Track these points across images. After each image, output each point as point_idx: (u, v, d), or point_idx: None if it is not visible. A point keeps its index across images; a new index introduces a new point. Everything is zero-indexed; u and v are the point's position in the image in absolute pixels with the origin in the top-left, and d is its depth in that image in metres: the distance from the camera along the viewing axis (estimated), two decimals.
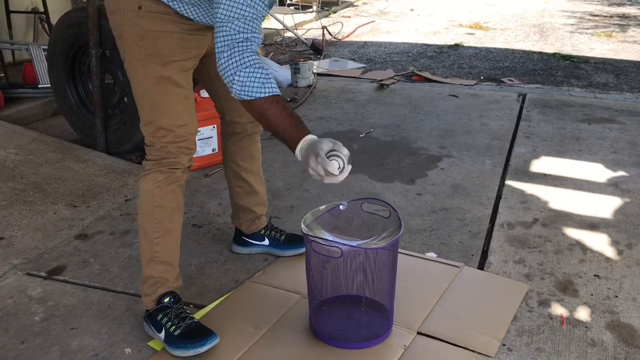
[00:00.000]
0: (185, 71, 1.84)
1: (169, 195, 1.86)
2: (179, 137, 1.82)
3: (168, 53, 1.77)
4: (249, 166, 2.22)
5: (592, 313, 1.96)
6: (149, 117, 1.82)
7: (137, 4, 1.73)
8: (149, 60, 1.76)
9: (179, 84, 1.81)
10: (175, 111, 1.81)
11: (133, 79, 1.83)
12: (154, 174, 1.84)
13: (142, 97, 1.82)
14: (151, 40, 1.75)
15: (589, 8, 8.95)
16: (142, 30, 1.74)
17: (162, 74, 1.77)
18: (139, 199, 1.89)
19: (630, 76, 5.16)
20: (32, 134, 3.48)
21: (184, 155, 1.86)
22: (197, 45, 1.85)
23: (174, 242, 1.91)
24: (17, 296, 2.12)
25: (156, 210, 1.85)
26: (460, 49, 6.42)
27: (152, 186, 1.84)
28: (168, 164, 1.84)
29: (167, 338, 1.79)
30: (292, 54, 6.32)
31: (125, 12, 1.75)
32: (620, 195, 2.81)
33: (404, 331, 1.86)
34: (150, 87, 1.78)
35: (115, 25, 1.80)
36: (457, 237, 2.46)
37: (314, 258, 1.75)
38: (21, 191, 2.87)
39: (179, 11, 1.75)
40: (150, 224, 1.86)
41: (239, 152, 2.19)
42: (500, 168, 3.16)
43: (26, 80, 4.35)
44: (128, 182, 3.03)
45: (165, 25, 1.76)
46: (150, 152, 1.86)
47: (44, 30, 5.50)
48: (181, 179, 1.89)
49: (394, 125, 3.89)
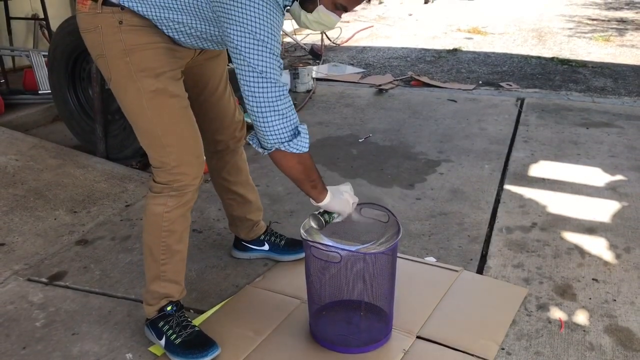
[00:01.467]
0: (177, 80, 1.75)
1: (179, 220, 1.79)
2: (187, 153, 1.76)
3: (158, 65, 1.68)
4: (237, 179, 2.19)
5: (590, 317, 1.97)
6: (150, 136, 1.73)
7: (117, 19, 1.63)
8: (140, 75, 1.66)
9: (176, 94, 1.73)
10: (178, 124, 1.74)
11: (124, 98, 1.72)
12: (164, 199, 1.76)
13: (139, 116, 1.72)
14: (138, 54, 1.65)
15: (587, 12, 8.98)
16: (126, 45, 1.64)
17: (157, 87, 1.68)
18: (147, 219, 1.81)
19: (628, 80, 5.18)
20: (32, 140, 3.50)
21: (196, 173, 1.78)
22: (182, 55, 1.77)
23: (181, 262, 1.87)
24: (19, 302, 2.13)
25: (165, 234, 1.78)
26: (458, 54, 6.44)
27: (161, 211, 1.76)
28: (179, 187, 1.76)
29: (168, 346, 1.80)
30: (291, 59, 6.34)
31: (104, 29, 1.65)
32: (619, 199, 2.82)
33: (404, 335, 1.87)
34: (145, 103, 1.68)
35: (93, 44, 1.70)
36: (456, 242, 2.47)
37: (314, 263, 1.76)
38: (22, 197, 2.88)
39: (164, 32, 1.69)
40: (158, 246, 1.80)
41: (224, 168, 2.16)
42: (498, 172, 3.17)
43: (26, 87, 4.36)
44: (128, 187, 3.04)
45: (150, 38, 1.67)
46: (159, 174, 1.76)
47: (44, 36, 5.51)
48: (192, 201, 1.82)
49: (393, 130, 3.91)
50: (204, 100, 2.00)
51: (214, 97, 2.02)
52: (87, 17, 1.68)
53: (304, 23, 1.70)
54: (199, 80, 1.96)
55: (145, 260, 1.87)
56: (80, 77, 3.55)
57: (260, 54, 1.54)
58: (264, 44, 1.53)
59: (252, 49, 1.53)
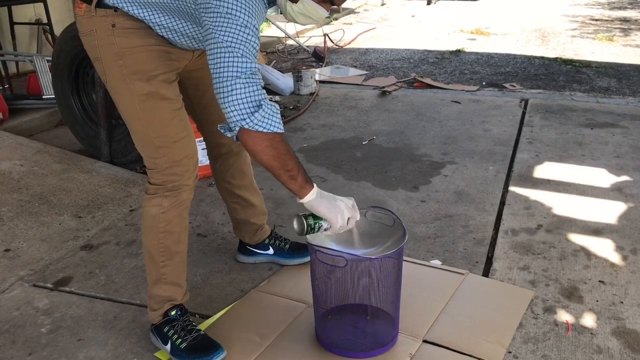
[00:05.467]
0: (170, 83, 1.75)
1: (175, 220, 1.81)
2: (180, 154, 1.76)
3: (150, 68, 1.68)
4: (241, 182, 2.19)
5: (597, 319, 1.96)
6: (144, 138, 1.75)
7: (110, 22, 1.63)
8: (132, 78, 1.67)
9: (168, 97, 1.73)
10: (170, 126, 1.74)
11: (119, 101, 1.73)
12: (158, 199, 1.78)
13: (133, 118, 1.73)
14: (131, 57, 1.66)
15: (590, 12, 8.96)
16: (119, 48, 1.65)
17: (149, 90, 1.68)
18: (144, 222, 1.83)
19: (632, 80, 5.16)
20: (36, 145, 3.50)
21: (190, 173, 1.80)
22: (177, 57, 1.77)
23: (181, 263, 1.88)
24: (24, 308, 2.13)
25: (162, 235, 1.80)
26: (461, 55, 6.44)
27: (157, 212, 1.78)
28: (173, 187, 1.77)
29: (174, 351, 1.79)
30: (294, 61, 6.34)
31: (99, 32, 1.65)
32: (624, 200, 2.81)
33: (410, 339, 1.86)
34: (138, 105, 1.69)
35: (90, 47, 1.71)
36: (461, 244, 2.46)
37: (319, 267, 1.76)
38: (27, 202, 2.89)
39: (157, 32, 1.68)
40: (157, 248, 1.81)
41: (228, 171, 2.15)
42: (503, 174, 3.16)
43: (30, 92, 4.38)
44: (133, 192, 3.05)
45: (143, 40, 1.67)
46: (153, 175, 1.78)
47: (48, 41, 5.53)
48: (187, 201, 1.83)
49: (397, 132, 3.90)
50: (205, 103, 2.00)
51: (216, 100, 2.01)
52: (83, 20, 1.69)
53: (289, 15, 1.68)
54: (200, 84, 1.96)
55: (146, 264, 1.87)
56: (84, 81, 3.57)
57: (233, 32, 1.48)
58: (238, 25, 1.48)
59: (225, 28, 1.48)
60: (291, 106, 4.54)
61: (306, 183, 1.67)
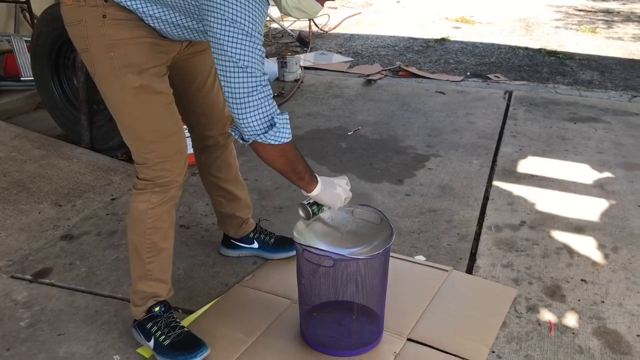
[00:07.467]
0: (162, 76, 1.72)
1: (163, 216, 1.79)
2: (171, 149, 1.74)
3: (142, 61, 1.65)
4: (226, 175, 2.17)
5: (579, 319, 1.98)
6: (133, 132, 1.72)
7: (101, 13, 1.59)
8: (123, 71, 1.63)
9: (160, 91, 1.70)
10: (161, 121, 1.72)
11: (108, 93, 1.69)
12: (147, 195, 1.75)
13: (122, 112, 1.70)
14: (122, 49, 1.62)
15: (574, 2, 8.98)
16: (110, 40, 1.60)
17: (140, 83, 1.65)
18: (131, 215, 1.80)
19: (614, 74, 5.20)
20: (15, 129, 3.42)
21: (180, 169, 1.78)
22: (167, 50, 1.74)
23: (167, 259, 1.86)
24: (2, 300, 2.09)
25: (150, 231, 1.77)
26: (446, 44, 6.42)
27: (145, 207, 1.75)
28: (163, 183, 1.75)
29: (157, 347, 1.77)
30: (278, 46, 6.27)
31: (88, 22, 1.60)
32: (606, 197, 2.84)
33: (395, 338, 1.86)
34: (129, 99, 1.66)
35: (78, 37, 1.65)
36: (445, 240, 2.47)
37: (305, 266, 1.74)
38: (5, 189, 2.82)
39: (149, 24, 1.65)
40: (143, 244, 1.79)
41: (214, 164, 2.13)
42: (487, 168, 3.17)
43: (8, 73, 4.27)
44: (114, 180, 3.00)
45: (134, 32, 1.63)
46: (142, 170, 1.75)
47: (26, 20, 5.38)
48: (176, 197, 1.82)
49: (382, 122, 3.89)
50: (192, 95, 1.96)
51: (202, 91, 1.98)
52: (71, 9, 1.63)
53: (284, 9, 1.66)
54: (187, 75, 1.92)
55: (131, 259, 1.84)
56: (64, 65, 3.48)
57: (240, 44, 1.48)
58: (245, 34, 1.48)
59: (232, 39, 1.48)
60: (275, 93, 4.49)
61: (312, 180, 1.75)
